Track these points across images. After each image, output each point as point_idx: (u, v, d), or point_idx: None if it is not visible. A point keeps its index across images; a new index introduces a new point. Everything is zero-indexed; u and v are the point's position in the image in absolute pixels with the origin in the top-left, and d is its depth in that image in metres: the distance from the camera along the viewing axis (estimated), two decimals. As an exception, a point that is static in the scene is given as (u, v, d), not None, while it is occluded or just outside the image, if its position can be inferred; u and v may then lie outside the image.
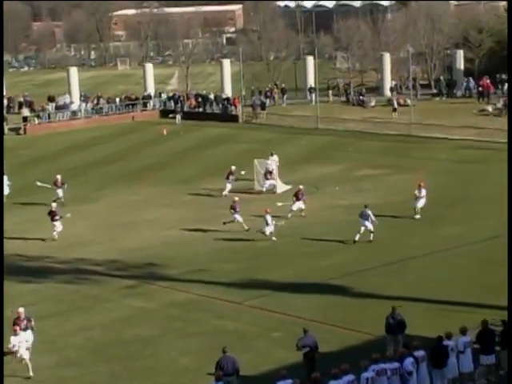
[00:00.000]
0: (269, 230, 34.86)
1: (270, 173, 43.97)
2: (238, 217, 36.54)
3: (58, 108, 71.21)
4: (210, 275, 31.15)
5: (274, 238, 35.00)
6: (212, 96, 72.90)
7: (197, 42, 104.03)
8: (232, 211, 36.64)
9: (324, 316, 25.61)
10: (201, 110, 71.85)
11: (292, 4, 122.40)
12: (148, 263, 32.96)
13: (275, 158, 46.48)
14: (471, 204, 38.09)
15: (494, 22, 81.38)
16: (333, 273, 30.67)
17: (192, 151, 56.70)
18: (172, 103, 73.10)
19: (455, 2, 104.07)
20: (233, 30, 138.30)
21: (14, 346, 22.95)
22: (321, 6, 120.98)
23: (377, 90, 76.57)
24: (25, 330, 23.60)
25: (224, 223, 36.43)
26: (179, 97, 73.65)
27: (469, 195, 39.57)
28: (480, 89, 69.97)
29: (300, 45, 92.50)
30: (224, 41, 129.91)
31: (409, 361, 20.77)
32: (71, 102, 71.84)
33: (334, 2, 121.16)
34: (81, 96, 73.70)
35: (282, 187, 43.59)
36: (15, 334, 23.18)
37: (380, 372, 20.41)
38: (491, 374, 22.05)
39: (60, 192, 42.77)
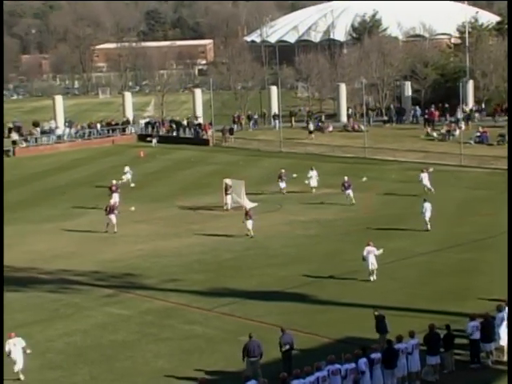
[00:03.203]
0: (373, 266, 30.48)
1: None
2: (249, 223, 37.26)
3: (43, 133, 70.73)
4: (182, 285, 31.04)
5: (374, 277, 30.56)
6: (185, 122, 73.00)
7: (171, 73, 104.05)
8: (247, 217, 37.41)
9: (284, 321, 25.52)
10: (175, 134, 71.86)
11: (258, 39, 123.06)
12: (125, 274, 32.76)
13: (315, 172, 47.80)
14: (416, 219, 38.23)
15: (438, 56, 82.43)
16: (292, 282, 30.69)
17: (167, 172, 56.60)
18: (149, 128, 73.05)
19: (404, 39, 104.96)
20: (204, 62, 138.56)
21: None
22: (283, 41, 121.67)
23: (334, 116, 76.99)
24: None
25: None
26: (155, 122, 73.69)
27: (414, 212, 39.71)
28: (426, 116, 70.59)
29: (265, 76, 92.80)
30: (196, 72, 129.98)
31: (362, 361, 20.89)
32: (56, 127, 71.49)
33: (296, 38, 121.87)
34: (65, 122, 73.36)
35: (249, 204, 43.44)
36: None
37: (334, 372, 20.47)
38: (436, 373, 22.18)
39: (116, 196, 43.67)
